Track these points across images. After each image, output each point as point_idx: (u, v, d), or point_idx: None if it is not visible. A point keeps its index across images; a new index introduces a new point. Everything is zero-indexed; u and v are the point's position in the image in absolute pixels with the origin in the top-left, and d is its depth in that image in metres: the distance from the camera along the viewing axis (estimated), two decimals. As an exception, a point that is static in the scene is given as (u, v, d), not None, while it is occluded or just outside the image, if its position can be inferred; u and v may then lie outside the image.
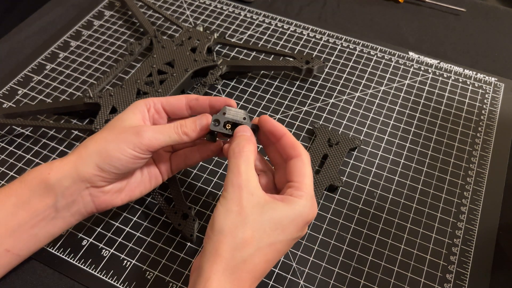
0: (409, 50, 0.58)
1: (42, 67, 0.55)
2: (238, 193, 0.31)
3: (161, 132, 0.34)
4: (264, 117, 0.36)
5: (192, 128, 0.35)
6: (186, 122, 0.35)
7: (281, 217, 0.31)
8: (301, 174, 0.33)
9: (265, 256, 0.30)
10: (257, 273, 0.30)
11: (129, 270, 0.39)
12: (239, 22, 0.61)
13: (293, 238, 0.32)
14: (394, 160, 0.47)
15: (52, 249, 0.40)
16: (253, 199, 0.31)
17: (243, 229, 0.30)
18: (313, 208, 0.33)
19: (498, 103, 0.52)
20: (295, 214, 0.31)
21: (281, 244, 0.31)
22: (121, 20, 0.62)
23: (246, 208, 0.30)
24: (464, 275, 0.39)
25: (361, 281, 0.39)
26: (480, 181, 0.46)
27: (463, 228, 0.42)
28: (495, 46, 0.59)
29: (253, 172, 0.32)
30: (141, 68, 0.50)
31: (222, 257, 0.29)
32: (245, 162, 0.32)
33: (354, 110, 0.51)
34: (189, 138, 0.35)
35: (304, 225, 0.33)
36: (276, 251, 0.31)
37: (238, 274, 0.29)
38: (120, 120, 0.36)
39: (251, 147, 0.33)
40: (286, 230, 0.31)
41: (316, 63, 0.53)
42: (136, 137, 0.33)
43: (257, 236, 0.30)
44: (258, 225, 0.30)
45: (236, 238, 0.30)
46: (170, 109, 0.38)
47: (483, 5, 0.65)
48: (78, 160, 0.34)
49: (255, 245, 0.30)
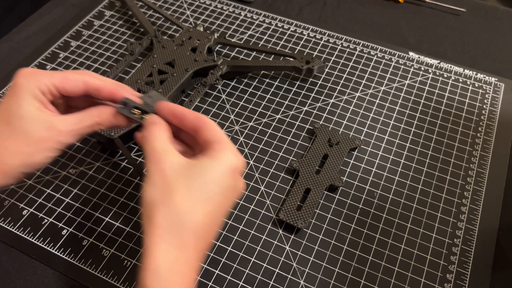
0: (409, 50, 0.58)
1: (42, 67, 0.55)
2: (158, 165, 0.30)
3: (77, 123, 0.33)
4: (161, 103, 0.34)
5: (108, 121, 0.35)
6: (102, 117, 0.34)
7: (208, 171, 0.30)
8: (215, 133, 0.32)
9: (204, 212, 0.29)
10: (201, 230, 0.29)
11: (130, 270, 0.39)
12: (240, 22, 0.61)
13: (229, 188, 0.31)
14: (394, 160, 0.47)
15: (53, 248, 0.40)
16: (174, 165, 0.30)
17: (172, 193, 0.29)
18: (238, 156, 0.32)
19: (498, 103, 0.53)
20: (222, 164, 0.31)
21: (218, 197, 0.30)
22: (122, 20, 0.62)
23: (170, 174, 0.30)
24: (464, 275, 0.39)
25: (361, 281, 0.39)
26: (480, 181, 0.46)
27: (463, 228, 0.42)
28: (495, 46, 0.59)
29: (169, 145, 0.32)
30: (141, 68, 0.50)
31: (159, 226, 0.28)
32: (158, 140, 0.32)
33: (355, 110, 0.51)
34: (104, 127, 0.35)
35: (235, 173, 0.32)
36: (215, 205, 0.30)
37: (180, 237, 0.28)
38: (20, 119, 0.32)
39: (162, 126, 0.33)
40: (217, 181, 0.30)
41: (317, 63, 0.53)
42: (54, 136, 0.32)
43: (188, 195, 0.29)
44: (187, 185, 0.29)
45: (167, 203, 0.29)
46: (64, 92, 0.35)
47: (483, 5, 0.65)
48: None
49: (190, 204, 0.29)
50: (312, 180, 0.44)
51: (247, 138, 0.49)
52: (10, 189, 0.44)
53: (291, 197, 0.43)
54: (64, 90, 0.34)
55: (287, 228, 0.42)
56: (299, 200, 0.43)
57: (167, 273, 0.28)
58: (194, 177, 0.30)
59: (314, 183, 0.43)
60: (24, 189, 0.44)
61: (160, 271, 0.27)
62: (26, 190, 0.44)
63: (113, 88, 0.35)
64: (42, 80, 0.33)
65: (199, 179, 0.30)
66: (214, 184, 0.30)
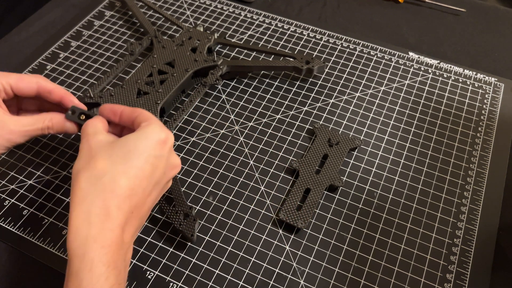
0: (409, 50, 0.58)
1: (42, 67, 0.55)
2: (87, 142, 0.33)
3: (29, 125, 0.36)
4: (102, 105, 0.37)
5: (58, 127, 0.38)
6: (53, 122, 0.37)
7: (131, 141, 0.32)
8: (145, 116, 0.35)
9: (126, 175, 0.30)
10: (125, 192, 0.30)
11: (130, 269, 0.39)
12: (240, 22, 0.61)
13: (156, 157, 0.32)
14: (394, 160, 0.47)
15: (53, 248, 0.40)
16: (101, 141, 0.33)
17: (94, 160, 0.31)
18: (165, 129, 0.34)
19: (498, 103, 0.53)
20: (144, 134, 0.33)
21: (142, 163, 0.32)
22: (122, 20, 0.62)
23: (95, 147, 0.32)
24: (464, 275, 0.39)
25: (361, 281, 0.39)
26: (480, 181, 0.46)
27: (463, 228, 0.42)
28: (495, 46, 0.59)
29: (101, 130, 0.34)
30: (141, 68, 0.51)
31: (81, 188, 0.30)
32: (90, 126, 0.34)
33: (354, 110, 0.51)
34: (54, 132, 0.38)
35: (160, 144, 0.33)
36: (139, 170, 0.31)
37: (101, 197, 0.29)
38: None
39: (97, 119, 0.36)
40: (140, 149, 0.32)
41: (316, 63, 0.53)
42: (5, 134, 0.35)
43: (109, 160, 0.31)
44: (108, 152, 0.31)
45: (89, 168, 0.31)
46: (18, 92, 0.38)
47: (483, 5, 0.65)
48: None
49: (110, 166, 0.30)
50: (312, 180, 0.44)
51: (247, 138, 0.49)
52: (10, 189, 0.44)
53: (291, 197, 0.43)
54: (18, 90, 0.37)
55: (287, 228, 0.42)
56: (299, 200, 0.43)
57: (88, 232, 0.28)
58: (117, 146, 0.32)
59: (314, 183, 0.43)
60: (24, 189, 0.44)
61: (80, 232, 0.28)
62: (26, 190, 0.44)
63: (63, 93, 0.38)
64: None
65: (121, 148, 0.32)
66: (136, 151, 0.32)
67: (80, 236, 0.28)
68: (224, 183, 0.45)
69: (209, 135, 0.49)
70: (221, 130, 0.49)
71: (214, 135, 0.49)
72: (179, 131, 0.49)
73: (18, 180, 0.45)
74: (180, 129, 0.49)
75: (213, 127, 0.49)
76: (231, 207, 0.43)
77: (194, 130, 0.49)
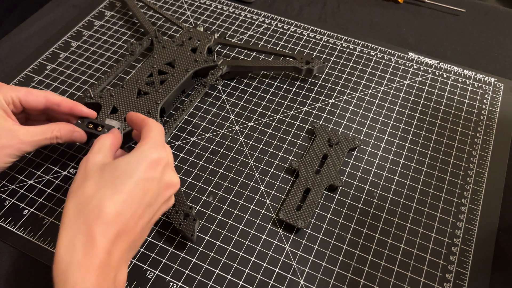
0: (409, 51, 0.58)
1: (43, 67, 0.55)
2: (85, 162, 0.33)
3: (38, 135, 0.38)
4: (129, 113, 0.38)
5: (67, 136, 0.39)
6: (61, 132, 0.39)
7: (122, 164, 0.32)
8: (147, 130, 0.35)
9: (114, 200, 0.30)
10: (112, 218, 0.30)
11: (130, 269, 0.39)
12: (240, 23, 0.61)
13: (147, 180, 0.32)
14: (394, 160, 0.47)
15: (53, 249, 0.40)
16: (97, 162, 0.32)
17: (84, 185, 0.31)
18: (159, 149, 0.34)
19: (498, 103, 0.53)
20: (135, 159, 0.32)
21: (132, 187, 0.31)
22: (122, 21, 0.62)
23: (90, 169, 0.32)
24: (464, 275, 0.39)
25: (361, 281, 0.39)
26: (480, 181, 0.46)
27: (463, 227, 0.42)
28: (495, 46, 0.60)
29: (105, 148, 0.34)
30: (141, 68, 0.51)
31: (68, 216, 0.30)
32: (98, 144, 0.35)
33: (354, 110, 0.51)
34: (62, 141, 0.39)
35: (153, 166, 0.33)
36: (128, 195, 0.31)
37: (87, 223, 0.29)
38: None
39: (109, 135, 0.36)
40: (130, 173, 0.31)
41: (316, 63, 0.53)
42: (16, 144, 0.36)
43: (97, 184, 0.31)
44: (98, 176, 0.31)
45: (78, 192, 0.31)
46: (27, 105, 0.39)
47: (483, 6, 0.65)
48: None
49: (97, 191, 0.30)
50: (312, 180, 0.44)
51: (247, 138, 0.49)
52: (10, 189, 0.44)
53: (291, 197, 0.43)
54: (27, 104, 0.39)
55: (287, 228, 0.42)
56: (299, 200, 0.43)
57: (71, 259, 0.28)
58: (108, 170, 0.32)
59: (314, 183, 0.44)
60: (24, 189, 0.44)
61: (63, 260, 0.28)
62: (27, 190, 0.44)
63: (71, 103, 0.40)
64: (8, 93, 0.37)
65: (112, 172, 0.31)
66: (125, 175, 0.31)
67: (62, 264, 0.28)
68: (224, 183, 0.45)
69: (209, 135, 0.49)
70: (221, 130, 0.49)
71: (214, 135, 0.49)
72: (179, 131, 0.49)
73: (18, 180, 0.45)
74: (180, 129, 0.49)
75: (213, 127, 0.50)
76: (231, 207, 0.43)
77: (194, 130, 0.49)
